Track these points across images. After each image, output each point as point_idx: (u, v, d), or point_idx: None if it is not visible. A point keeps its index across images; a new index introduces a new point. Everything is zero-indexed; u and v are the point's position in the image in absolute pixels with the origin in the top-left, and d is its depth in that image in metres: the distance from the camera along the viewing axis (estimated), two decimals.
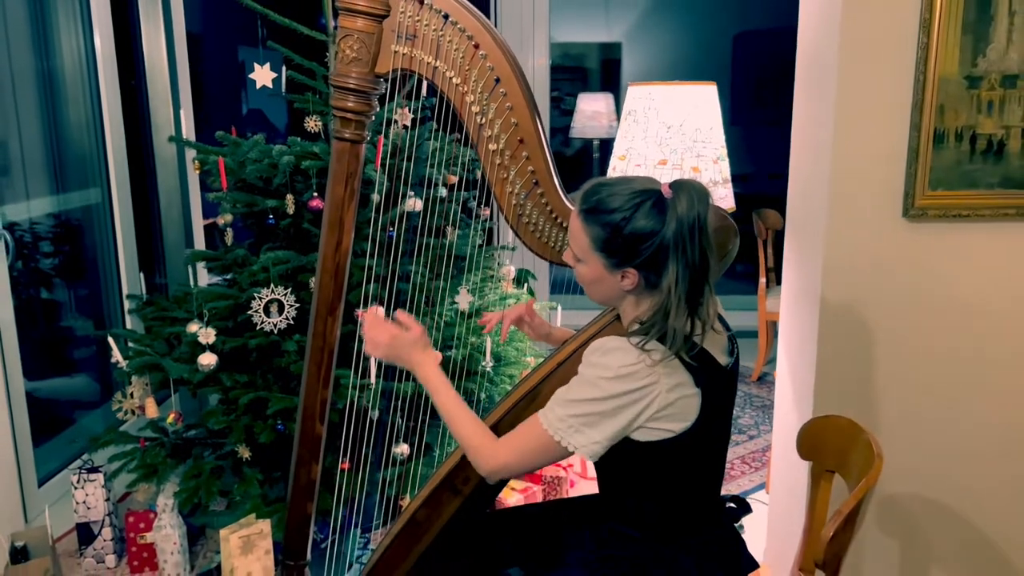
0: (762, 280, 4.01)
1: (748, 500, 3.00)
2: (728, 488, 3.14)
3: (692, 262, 1.33)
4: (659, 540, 1.46)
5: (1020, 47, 1.94)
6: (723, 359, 1.44)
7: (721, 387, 1.43)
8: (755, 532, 2.81)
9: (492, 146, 1.57)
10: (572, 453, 1.40)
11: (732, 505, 1.58)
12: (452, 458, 1.66)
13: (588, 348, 1.39)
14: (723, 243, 1.56)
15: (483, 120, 1.57)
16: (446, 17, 1.53)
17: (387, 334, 1.57)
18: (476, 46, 1.54)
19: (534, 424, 1.42)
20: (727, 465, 3.30)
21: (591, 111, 5.24)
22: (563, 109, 5.99)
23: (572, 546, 1.57)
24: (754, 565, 1.54)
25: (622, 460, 1.41)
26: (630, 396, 1.34)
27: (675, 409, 1.36)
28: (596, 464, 1.47)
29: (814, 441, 1.68)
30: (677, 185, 1.36)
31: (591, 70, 6.51)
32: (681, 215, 1.32)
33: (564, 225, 1.61)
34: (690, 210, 1.32)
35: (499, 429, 1.55)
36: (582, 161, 6.14)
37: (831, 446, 1.62)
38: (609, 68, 6.37)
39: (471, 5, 1.56)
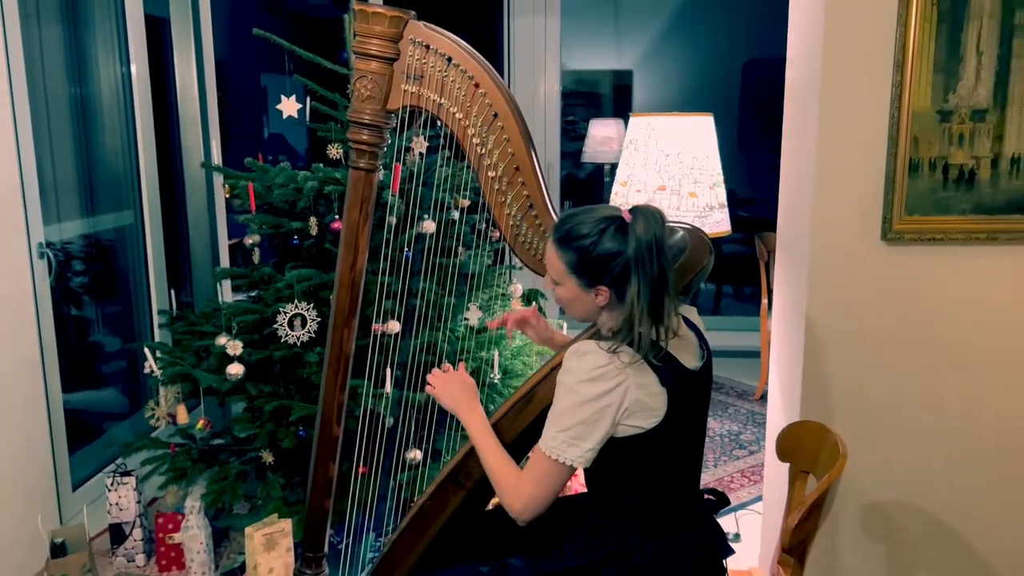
0: (764, 301, 4.15)
1: (747, 510, 3.16)
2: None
3: (652, 277, 1.50)
4: (643, 529, 1.61)
5: (987, 84, 2.09)
6: (691, 362, 1.59)
7: (689, 388, 1.58)
8: (750, 539, 2.95)
9: (491, 173, 1.76)
10: (575, 468, 1.56)
11: (711, 498, 1.73)
12: (456, 456, 1.82)
13: (567, 352, 1.55)
14: (699, 259, 1.71)
15: (483, 150, 1.75)
16: (449, 60, 1.73)
17: (458, 384, 1.76)
18: (476, 85, 1.72)
19: (537, 453, 1.58)
20: (727, 477, 3.45)
21: (602, 136, 5.41)
22: (576, 134, 6.17)
23: (567, 536, 1.72)
24: (729, 551, 1.68)
25: (604, 457, 1.56)
26: (606, 398, 1.50)
27: (644, 406, 1.51)
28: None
29: (790, 444, 1.82)
30: (635, 210, 1.53)
31: (603, 96, 6.70)
32: (640, 236, 1.50)
33: None
34: (647, 231, 1.50)
35: (500, 428, 1.72)
36: (593, 185, 6.31)
37: (805, 449, 1.77)
38: (621, 94, 6.56)
39: (472, 48, 1.74)
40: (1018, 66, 2.08)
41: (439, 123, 1.82)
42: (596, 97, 6.74)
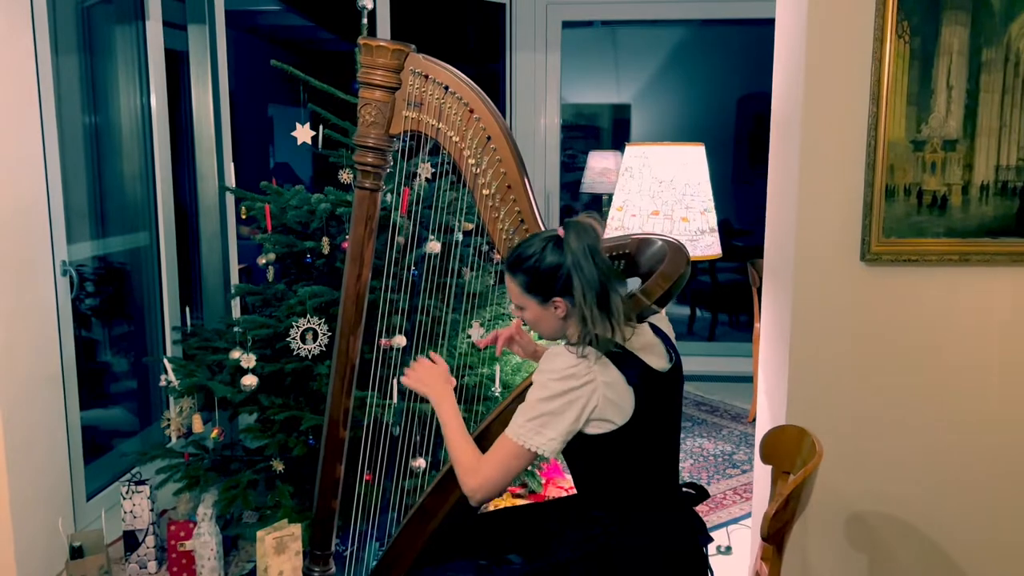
0: (756, 326, 4.27)
1: (739, 525, 3.27)
2: (720, 516, 3.38)
3: (590, 280, 1.65)
4: (626, 521, 1.73)
5: (957, 116, 2.24)
6: (659, 364, 1.73)
7: (657, 388, 1.72)
8: (741, 552, 3.06)
9: (486, 191, 1.92)
10: (537, 455, 1.69)
11: (690, 491, 1.85)
12: None
13: (543, 357, 1.70)
14: (676, 268, 1.84)
15: (478, 170, 1.91)
16: (446, 88, 1.90)
17: (430, 369, 1.91)
18: (471, 111, 1.89)
19: (503, 438, 1.72)
20: (719, 494, 3.55)
21: (600, 168, 5.57)
22: (576, 166, 6.33)
23: (558, 533, 1.84)
24: (708, 539, 1.81)
25: (584, 453, 1.70)
26: (573, 394, 1.64)
27: (612, 403, 1.65)
28: (568, 462, 1.77)
29: (772, 447, 1.95)
30: (567, 224, 1.70)
31: (603, 129, 6.89)
32: (573, 247, 1.66)
33: None
34: (578, 241, 1.66)
35: (492, 429, 1.85)
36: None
37: (785, 450, 1.89)
38: (620, 127, 6.75)
39: (467, 78, 1.91)
40: (985, 100, 2.23)
41: (442, 150, 1.98)
42: (595, 130, 6.93)
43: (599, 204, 5.96)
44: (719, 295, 6.40)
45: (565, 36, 5.17)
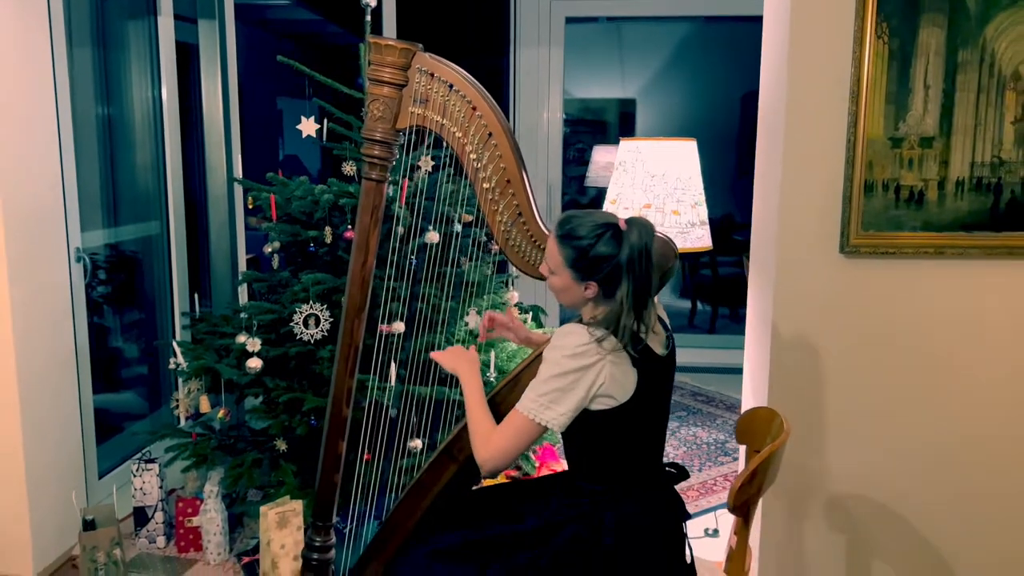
0: None
1: (726, 510, 3.35)
2: (710, 501, 3.49)
3: (640, 280, 1.74)
4: (612, 494, 1.84)
5: (934, 115, 2.33)
6: (659, 350, 1.84)
7: (657, 371, 1.82)
8: (728, 534, 3.16)
9: (486, 185, 2.01)
10: (547, 429, 1.78)
11: (672, 470, 1.95)
12: (452, 434, 2.06)
13: (555, 332, 1.80)
14: (665, 261, 1.94)
15: (479, 165, 2.00)
16: (451, 87, 1.99)
17: (461, 352, 2.03)
18: (473, 108, 1.98)
19: (514, 412, 1.81)
20: (710, 480, 3.66)
21: (605, 162, 5.65)
22: (586, 160, 6.41)
23: (545, 504, 1.95)
24: (687, 516, 1.91)
25: (582, 429, 1.80)
26: (582, 371, 1.73)
27: (617, 382, 1.75)
28: (564, 437, 1.86)
29: (745, 428, 2.05)
30: (630, 221, 1.78)
31: (610, 124, 6.97)
32: (633, 244, 1.73)
33: (542, 247, 2.02)
34: (639, 240, 1.74)
35: (495, 401, 1.95)
36: (595, 208, 6.55)
37: (757, 431, 2.00)
38: (626, 122, 6.83)
39: (470, 76, 2.00)
40: (961, 99, 2.31)
41: (444, 144, 2.07)
42: (603, 124, 7.01)
43: (603, 197, 6.05)
44: (719, 288, 6.49)
45: (571, 31, 5.25)
